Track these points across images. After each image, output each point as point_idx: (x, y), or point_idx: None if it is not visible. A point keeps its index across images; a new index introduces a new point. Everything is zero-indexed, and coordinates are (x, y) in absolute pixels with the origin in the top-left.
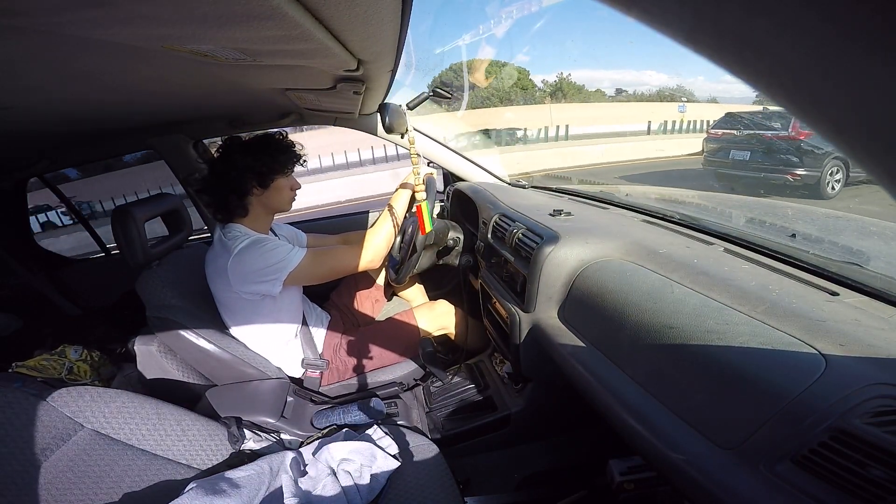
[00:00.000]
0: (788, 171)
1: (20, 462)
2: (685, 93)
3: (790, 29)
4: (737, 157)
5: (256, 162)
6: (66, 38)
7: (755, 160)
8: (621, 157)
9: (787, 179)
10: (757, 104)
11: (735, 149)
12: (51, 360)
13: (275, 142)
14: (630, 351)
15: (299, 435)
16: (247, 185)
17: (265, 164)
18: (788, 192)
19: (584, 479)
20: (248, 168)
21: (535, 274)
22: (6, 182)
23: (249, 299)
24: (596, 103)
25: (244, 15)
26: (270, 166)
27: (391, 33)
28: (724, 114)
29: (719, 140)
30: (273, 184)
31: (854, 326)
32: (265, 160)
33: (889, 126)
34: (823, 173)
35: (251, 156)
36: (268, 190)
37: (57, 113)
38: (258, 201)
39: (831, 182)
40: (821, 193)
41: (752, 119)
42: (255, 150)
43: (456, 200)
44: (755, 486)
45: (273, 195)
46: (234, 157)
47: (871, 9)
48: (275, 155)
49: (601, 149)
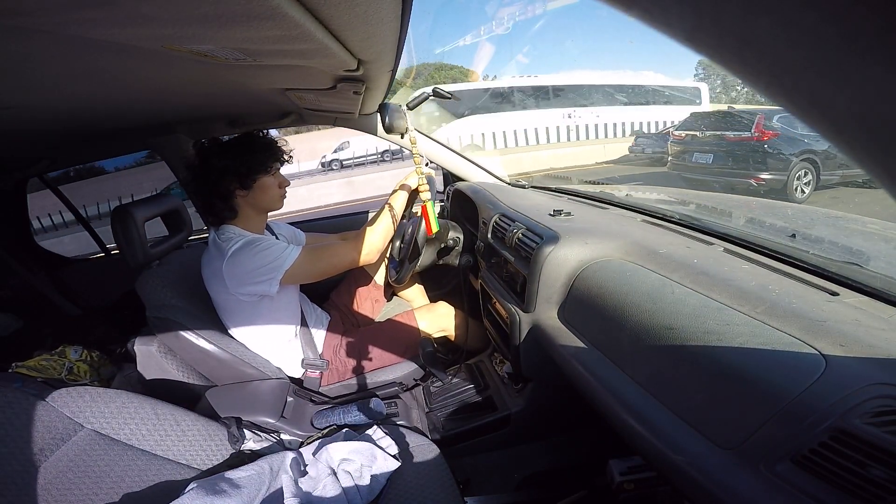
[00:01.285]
0: (752, 174)
1: (20, 462)
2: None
3: (790, 29)
4: (699, 160)
5: (235, 162)
6: (67, 38)
7: (717, 163)
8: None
9: (751, 184)
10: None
11: (697, 151)
12: (51, 360)
13: (254, 140)
14: (630, 351)
15: (299, 435)
16: (229, 187)
17: (244, 164)
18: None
19: (584, 479)
20: (227, 170)
21: (535, 274)
22: (6, 182)
23: (247, 301)
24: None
25: (244, 15)
26: (250, 166)
27: (391, 33)
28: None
29: (682, 142)
30: (256, 183)
31: (854, 326)
32: (245, 160)
33: (888, 126)
34: (790, 176)
35: (229, 157)
36: (252, 190)
37: (57, 113)
38: (245, 202)
39: (800, 186)
40: (788, 198)
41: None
42: (234, 151)
43: (456, 200)
44: (755, 486)
45: (259, 195)
46: (212, 159)
47: (870, 9)
48: (255, 154)
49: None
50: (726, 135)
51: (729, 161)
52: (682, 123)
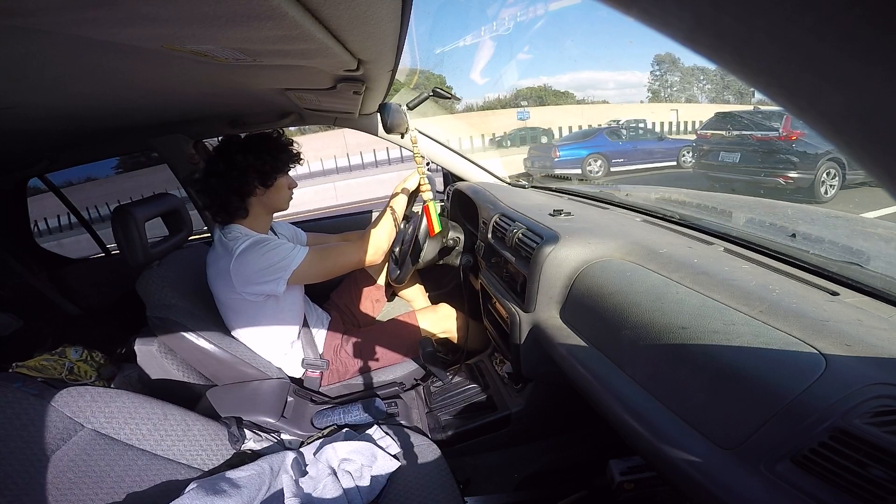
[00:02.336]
0: (780, 173)
1: (20, 462)
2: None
3: (790, 29)
4: (726, 159)
5: (258, 161)
6: (67, 38)
7: (745, 162)
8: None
9: (779, 182)
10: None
11: (724, 150)
12: (51, 360)
13: (274, 140)
14: (630, 351)
15: (300, 435)
16: (250, 185)
17: (268, 163)
18: (781, 195)
19: (584, 479)
20: (251, 167)
21: (536, 274)
22: (6, 182)
23: (253, 300)
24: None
25: (244, 15)
26: (273, 164)
27: (391, 33)
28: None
29: (708, 141)
30: (275, 183)
31: (854, 326)
32: (267, 158)
33: (888, 126)
34: (818, 176)
35: (252, 154)
36: (270, 189)
37: (57, 113)
38: (258, 201)
39: (826, 185)
40: (815, 197)
41: (743, 119)
42: (257, 149)
43: (456, 200)
44: (755, 486)
45: (274, 194)
46: (236, 156)
47: (870, 9)
48: (276, 153)
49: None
50: (753, 134)
51: (757, 160)
52: (707, 123)
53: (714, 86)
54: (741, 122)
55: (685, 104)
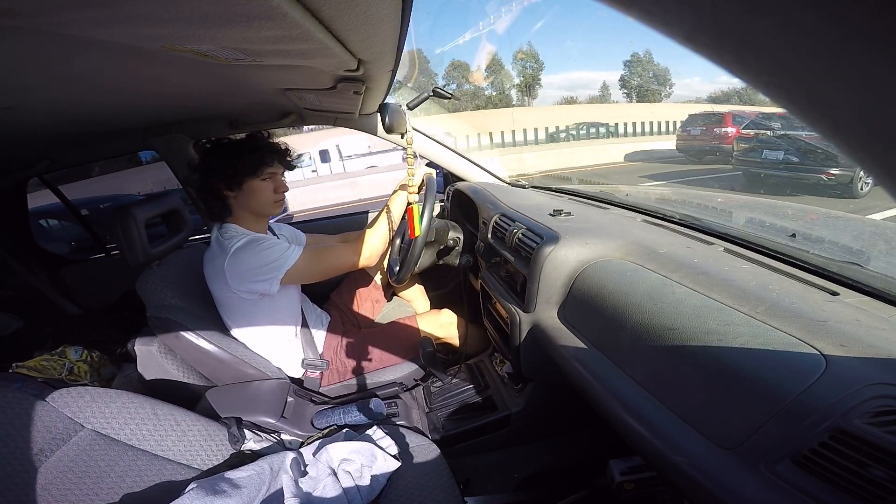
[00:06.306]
0: (823, 170)
1: (20, 462)
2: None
3: (790, 29)
4: (769, 156)
5: (221, 163)
6: (67, 39)
7: (788, 160)
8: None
9: (822, 179)
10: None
11: (768, 149)
12: (51, 360)
13: (243, 144)
14: (630, 351)
15: (299, 435)
16: (216, 186)
17: (230, 166)
18: (821, 191)
19: (584, 479)
20: (213, 169)
21: (535, 274)
22: (6, 182)
23: (248, 299)
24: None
25: (244, 15)
26: (236, 168)
27: (391, 33)
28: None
29: (751, 140)
30: (244, 186)
31: (854, 326)
32: (231, 162)
33: (887, 125)
34: (857, 172)
35: (218, 157)
36: (241, 192)
37: (57, 113)
38: (237, 203)
39: (862, 181)
40: (852, 192)
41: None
42: (223, 152)
43: (456, 200)
44: (755, 486)
45: (248, 198)
46: (205, 158)
47: (870, 9)
48: (242, 157)
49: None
50: (799, 134)
51: (801, 158)
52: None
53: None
54: (787, 122)
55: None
